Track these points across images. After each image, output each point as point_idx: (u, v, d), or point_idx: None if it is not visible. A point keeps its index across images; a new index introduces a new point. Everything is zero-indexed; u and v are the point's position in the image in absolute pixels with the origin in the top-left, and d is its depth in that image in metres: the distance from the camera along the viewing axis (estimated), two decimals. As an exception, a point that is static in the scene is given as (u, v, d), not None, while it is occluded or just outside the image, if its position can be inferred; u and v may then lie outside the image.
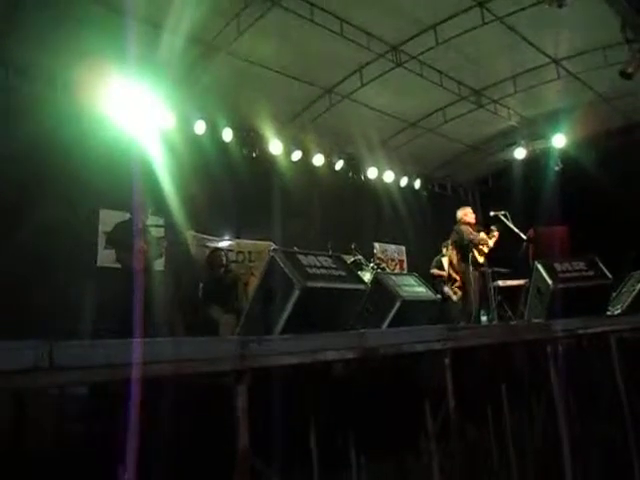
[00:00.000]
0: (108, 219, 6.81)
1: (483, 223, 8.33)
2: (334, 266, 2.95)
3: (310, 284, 2.64)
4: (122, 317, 4.42)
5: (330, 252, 6.09)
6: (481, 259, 7.16)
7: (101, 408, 1.47)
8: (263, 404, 1.82)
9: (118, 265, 5.75)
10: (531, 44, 7.64)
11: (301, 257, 2.86)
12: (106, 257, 6.81)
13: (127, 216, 5.81)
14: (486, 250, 7.18)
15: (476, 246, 7.02)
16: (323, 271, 2.86)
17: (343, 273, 2.94)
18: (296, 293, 2.61)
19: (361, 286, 2.97)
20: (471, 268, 6.90)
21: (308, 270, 2.77)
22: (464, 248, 7.03)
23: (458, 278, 7.32)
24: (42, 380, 1.18)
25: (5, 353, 1.17)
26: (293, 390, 2.11)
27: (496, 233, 7.21)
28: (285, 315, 2.65)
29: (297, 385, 2.13)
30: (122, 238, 5.44)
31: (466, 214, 7.29)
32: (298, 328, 2.51)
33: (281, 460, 2.01)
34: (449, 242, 7.52)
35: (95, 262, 7.03)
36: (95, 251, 7.07)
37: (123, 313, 4.15)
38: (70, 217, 6.44)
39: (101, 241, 7.06)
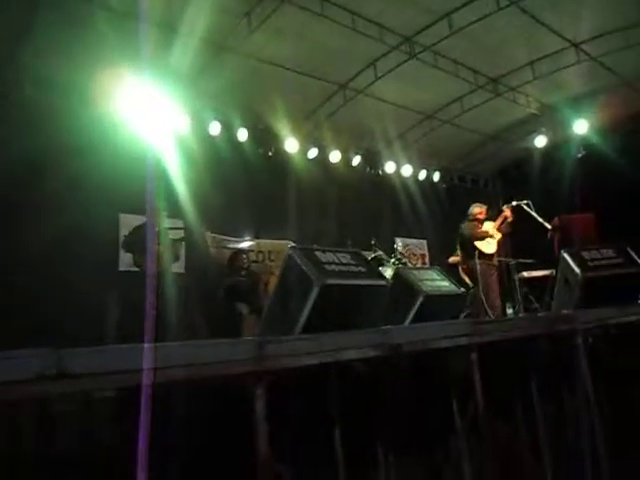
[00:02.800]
0: (128, 223, 6.85)
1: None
2: (353, 262, 2.88)
3: (329, 281, 2.58)
4: (142, 322, 4.41)
5: (349, 248, 6.06)
6: (490, 249, 7.09)
7: (114, 415, 1.43)
8: (284, 406, 1.77)
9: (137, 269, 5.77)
10: (549, 28, 7.45)
11: (319, 254, 2.79)
12: (127, 261, 6.84)
13: (144, 220, 5.82)
14: (495, 237, 7.18)
15: (479, 240, 7.06)
16: (342, 268, 2.79)
17: (363, 269, 2.87)
18: (315, 291, 2.55)
19: (382, 282, 2.90)
20: (478, 262, 6.88)
21: (327, 267, 2.70)
22: (466, 244, 7.08)
23: (466, 278, 7.32)
24: (50, 389, 1.14)
25: (10, 362, 1.13)
26: (315, 391, 2.05)
27: (507, 211, 7.17)
28: (305, 314, 2.59)
29: (319, 385, 2.07)
30: (138, 241, 5.45)
31: (482, 212, 7.30)
32: (319, 327, 2.45)
33: (305, 464, 1.95)
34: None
35: (117, 266, 7.08)
36: (117, 256, 7.11)
37: (143, 317, 4.12)
38: (90, 223, 6.48)
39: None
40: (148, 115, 7.00)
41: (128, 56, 5.88)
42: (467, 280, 7.93)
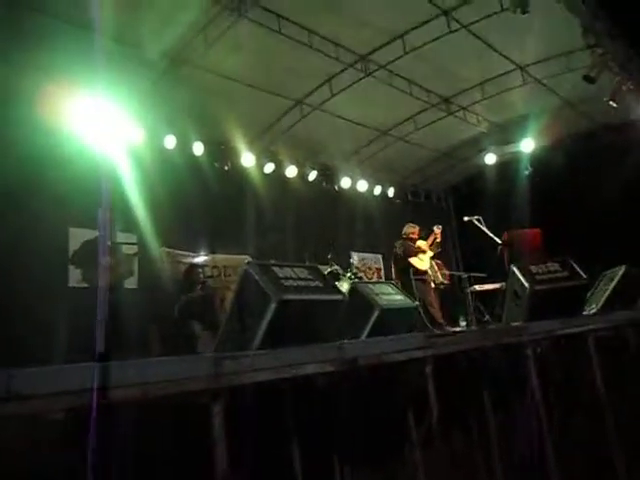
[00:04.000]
0: (78, 238, 6.65)
1: (458, 229, 8.54)
2: (311, 277, 2.89)
3: (286, 297, 2.58)
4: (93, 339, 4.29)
5: (307, 263, 6.04)
6: (423, 266, 7.60)
7: (64, 436, 1.39)
8: (242, 423, 1.76)
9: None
10: (497, 51, 7.78)
11: (276, 269, 2.79)
12: (77, 277, 6.63)
13: (94, 234, 5.67)
14: (427, 254, 7.56)
15: (412, 256, 7.41)
16: (300, 283, 2.80)
17: (320, 284, 2.88)
18: (272, 306, 2.54)
19: (339, 297, 2.92)
20: (413, 278, 7.21)
21: (284, 282, 2.70)
22: (400, 261, 7.35)
23: None
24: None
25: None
26: (273, 406, 2.04)
27: (437, 231, 7.79)
28: (262, 329, 2.58)
29: (277, 400, 2.06)
30: (88, 257, 5.30)
31: (414, 232, 7.91)
32: (276, 342, 2.44)
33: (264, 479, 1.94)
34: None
35: (67, 282, 6.84)
36: (66, 271, 6.88)
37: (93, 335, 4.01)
38: (39, 236, 6.26)
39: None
40: (101, 128, 6.85)
41: (81, 68, 5.76)
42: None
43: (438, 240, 7.83)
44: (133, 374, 1.33)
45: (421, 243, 7.86)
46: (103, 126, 6.87)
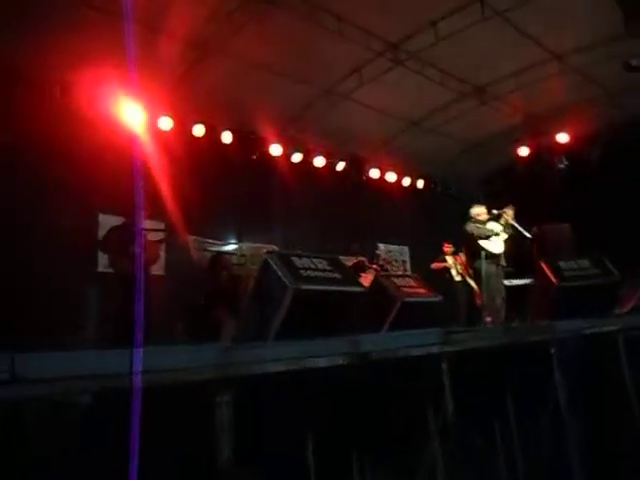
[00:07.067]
0: (107, 224, 6.76)
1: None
2: (330, 268, 2.87)
3: (303, 287, 2.57)
4: (119, 323, 4.36)
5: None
6: (496, 249, 6.88)
7: (91, 418, 1.39)
8: (251, 415, 1.74)
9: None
10: (533, 39, 7.53)
11: (295, 259, 2.78)
12: (105, 262, 6.75)
13: (122, 220, 5.75)
14: (501, 236, 6.97)
15: (484, 239, 6.81)
16: (318, 273, 2.78)
17: (339, 275, 2.86)
18: (289, 296, 2.54)
19: (357, 288, 2.89)
20: (484, 262, 6.63)
21: (302, 273, 2.69)
22: (472, 244, 6.84)
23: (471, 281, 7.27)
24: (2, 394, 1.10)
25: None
26: (284, 399, 2.02)
27: (508, 211, 7.00)
28: (280, 318, 2.58)
29: (289, 393, 2.04)
30: (114, 243, 5.38)
31: (481, 213, 7.09)
32: (294, 331, 2.43)
33: (274, 471, 1.92)
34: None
35: (96, 267, 6.98)
36: (96, 256, 7.01)
37: (119, 319, 4.08)
38: (69, 222, 6.39)
39: (101, 246, 7.00)
40: (131, 116, 6.94)
41: (113, 54, 5.82)
42: (473, 284, 7.93)
43: (510, 222, 7.02)
44: (140, 361, 1.32)
45: (493, 225, 7.11)
46: (133, 114, 6.96)
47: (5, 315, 5.40)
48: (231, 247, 8.74)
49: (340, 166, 9.93)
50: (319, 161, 9.57)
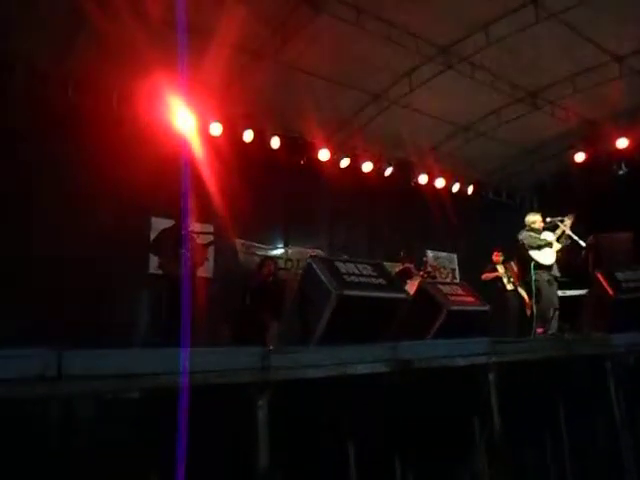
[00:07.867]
0: (158, 227, 6.96)
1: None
2: (374, 274, 2.85)
3: (347, 292, 2.55)
4: (166, 324, 4.47)
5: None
6: (547, 260, 6.51)
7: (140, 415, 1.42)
8: (291, 419, 1.73)
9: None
10: (590, 41, 7.25)
11: (339, 265, 2.78)
12: (155, 264, 6.95)
13: (172, 223, 5.90)
14: (554, 247, 6.63)
15: (535, 249, 6.51)
16: (362, 279, 2.77)
17: (383, 281, 2.83)
18: (333, 301, 2.53)
19: (401, 295, 2.85)
20: (534, 273, 6.38)
21: (346, 278, 2.68)
22: (523, 254, 6.56)
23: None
24: (49, 390, 1.14)
25: (13, 361, 1.13)
26: (326, 405, 2.00)
27: (567, 221, 6.61)
28: (323, 323, 2.57)
29: (330, 400, 2.02)
30: (164, 245, 5.52)
31: (536, 221, 6.76)
32: (337, 337, 2.42)
33: (311, 477, 1.91)
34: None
35: (148, 269, 7.19)
36: (147, 258, 7.23)
37: (166, 320, 4.18)
38: (122, 225, 6.63)
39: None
40: (183, 122, 7.13)
41: (164, 64, 6.01)
42: (524, 294, 7.68)
43: (567, 232, 6.60)
44: (177, 362, 1.34)
45: (548, 235, 6.72)
46: (185, 120, 7.15)
47: (59, 314, 5.67)
48: (278, 251, 8.82)
49: (388, 171, 9.85)
50: (367, 166, 9.53)
